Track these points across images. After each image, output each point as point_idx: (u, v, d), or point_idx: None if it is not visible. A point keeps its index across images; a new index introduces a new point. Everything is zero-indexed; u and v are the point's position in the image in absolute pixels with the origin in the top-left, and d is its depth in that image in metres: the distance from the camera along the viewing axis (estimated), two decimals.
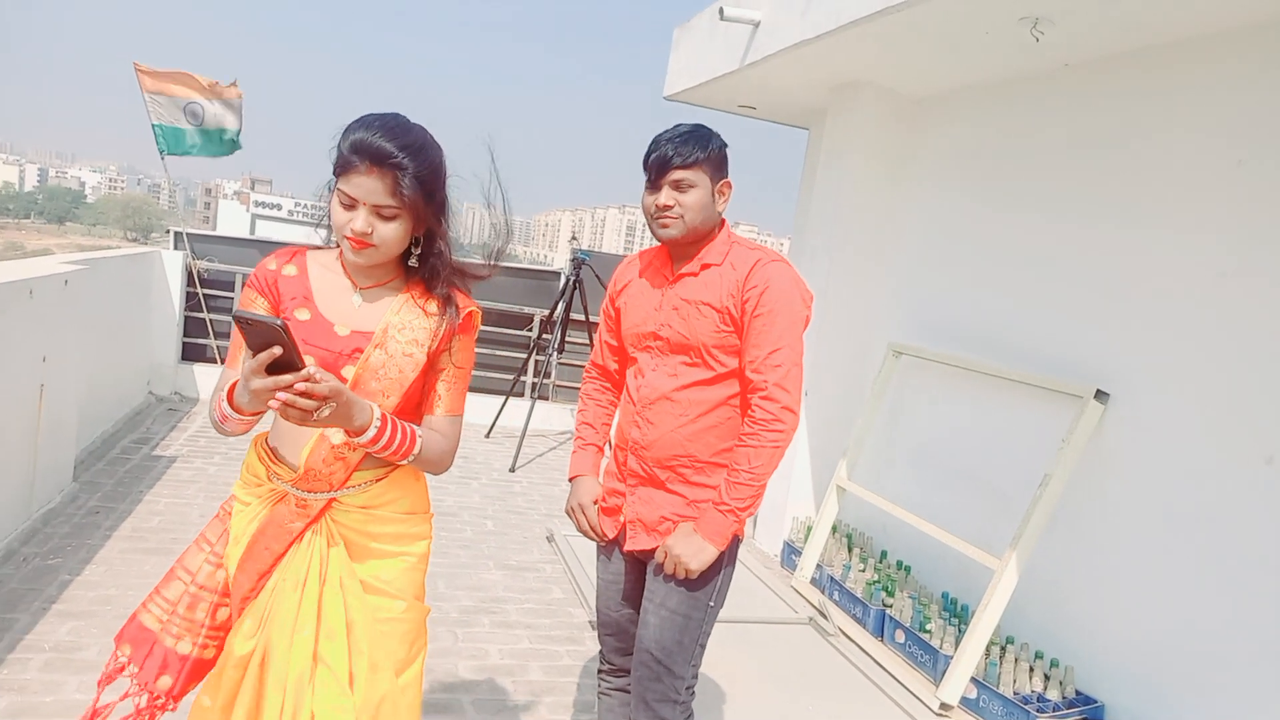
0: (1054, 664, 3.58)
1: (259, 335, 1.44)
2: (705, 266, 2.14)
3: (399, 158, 1.60)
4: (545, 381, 7.82)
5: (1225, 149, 3.29)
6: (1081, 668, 3.56)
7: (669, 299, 2.17)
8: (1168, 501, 3.35)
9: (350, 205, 1.63)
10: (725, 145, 2.14)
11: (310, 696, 1.65)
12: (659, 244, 2.24)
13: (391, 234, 1.65)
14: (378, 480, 1.77)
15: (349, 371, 1.69)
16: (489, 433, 7.28)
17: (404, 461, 1.73)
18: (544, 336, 7.19)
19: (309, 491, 1.71)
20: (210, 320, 7.19)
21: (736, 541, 2.18)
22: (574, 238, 7.50)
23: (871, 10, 3.77)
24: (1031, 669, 3.53)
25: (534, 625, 3.82)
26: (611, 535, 2.27)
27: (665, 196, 2.08)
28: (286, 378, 1.46)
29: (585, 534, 2.33)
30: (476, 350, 1.91)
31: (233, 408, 1.59)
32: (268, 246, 7.50)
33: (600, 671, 2.43)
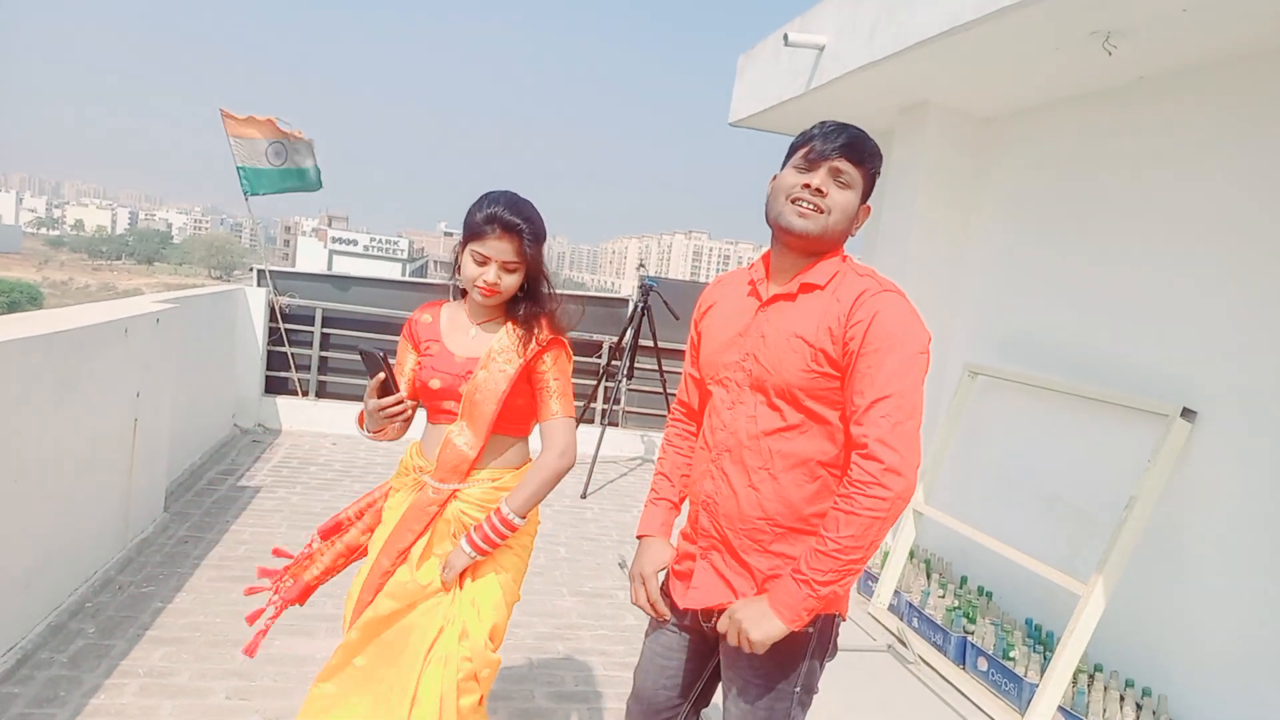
0: (1146, 692, 3.45)
1: (370, 364, 2.06)
2: (805, 289, 1.79)
3: (522, 226, 2.08)
4: (615, 408, 7.87)
5: None
6: (1175, 696, 3.42)
7: (756, 325, 1.83)
8: (1264, 522, 3.21)
9: (483, 262, 2.10)
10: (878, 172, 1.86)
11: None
12: (755, 259, 1.96)
13: (512, 283, 2.14)
14: (493, 480, 2.22)
15: (466, 388, 2.16)
16: None
17: (517, 522, 2.17)
18: (613, 363, 7.24)
19: (440, 482, 2.19)
20: (292, 354, 7.40)
21: (832, 626, 1.85)
22: (641, 265, 7.57)
23: (938, 31, 3.75)
24: (1122, 698, 3.41)
25: (608, 652, 3.83)
26: (680, 608, 1.95)
27: (821, 180, 1.75)
28: (386, 400, 2.09)
29: (642, 608, 1.98)
30: None
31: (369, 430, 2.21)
32: (345, 281, 7.72)
33: None
